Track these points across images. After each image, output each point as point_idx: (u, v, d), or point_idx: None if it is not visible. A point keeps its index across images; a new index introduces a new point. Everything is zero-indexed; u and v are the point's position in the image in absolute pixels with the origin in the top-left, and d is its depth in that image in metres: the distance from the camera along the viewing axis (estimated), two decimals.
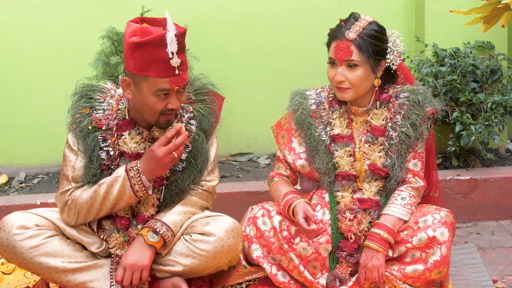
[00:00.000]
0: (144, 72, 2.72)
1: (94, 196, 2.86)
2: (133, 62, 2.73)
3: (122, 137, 2.90)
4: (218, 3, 4.44)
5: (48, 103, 4.45)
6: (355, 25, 2.94)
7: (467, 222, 3.98)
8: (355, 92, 2.98)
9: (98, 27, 4.13)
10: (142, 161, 2.84)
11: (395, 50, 2.99)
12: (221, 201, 3.77)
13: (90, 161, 2.88)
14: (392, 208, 2.96)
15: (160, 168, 2.83)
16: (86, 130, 2.90)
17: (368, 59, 2.93)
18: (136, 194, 2.85)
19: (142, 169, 2.83)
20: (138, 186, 2.84)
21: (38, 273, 2.89)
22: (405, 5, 4.49)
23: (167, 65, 2.71)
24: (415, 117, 2.99)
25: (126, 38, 2.74)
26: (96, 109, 2.93)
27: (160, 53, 2.69)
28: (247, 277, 3.06)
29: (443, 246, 2.85)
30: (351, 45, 2.93)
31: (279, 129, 3.17)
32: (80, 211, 2.87)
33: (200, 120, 2.99)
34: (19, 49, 4.44)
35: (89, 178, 2.89)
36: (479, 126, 3.94)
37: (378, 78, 3.00)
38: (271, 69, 4.54)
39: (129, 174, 2.83)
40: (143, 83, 2.74)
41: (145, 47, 2.68)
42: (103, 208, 2.88)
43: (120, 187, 2.84)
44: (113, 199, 2.85)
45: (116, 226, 2.95)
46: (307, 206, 2.96)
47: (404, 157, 3.00)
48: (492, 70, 4.06)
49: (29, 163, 4.54)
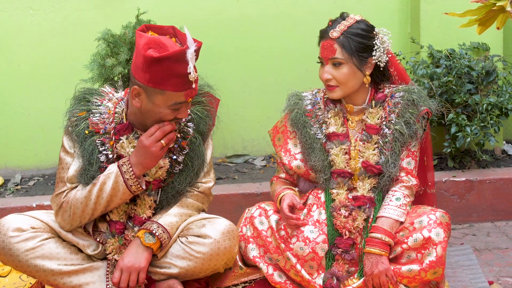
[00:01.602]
0: (161, 86, 2.71)
1: (88, 195, 2.85)
2: (149, 76, 2.71)
3: (119, 141, 2.90)
4: (213, 5, 4.45)
5: (43, 105, 4.45)
6: (340, 24, 2.99)
7: (463, 223, 3.99)
8: (342, 90, 3.02)
9: (93, 29, 4.12)
10: (133, 155, 2.83)
11: (382, 47, 3.01)
12: (217, 203, 3.78)
13: (89, 164, 2.88)
14: (388, 210, 2.97)
15: (149, 158, 2.81)
16: (83, 134, 2.89)
17: (351, 56, 2.96)
18: (130, 189, 2.84)
19: (133, 163, 2.82)
20: (131, 180, 2.83)
21: (34, 276, 2.88)
22: (400, 6, 4.50)
23: (185, 79, 2.72)
24: (409, 115, 3.02)
25: (140, 51, 2.71)
26: (93, 112, 2.92)
27: (179, 68, 2.69)
28: (243, 278, 3.06)
29: (438, 246, 2.85)
30: (334, 44, 2.97)
31: (275, 132, 3.20)
32: (75, 212, 2.87)
33: (198, 123, 2.99)
34: (15, 52, 4.43)
35: (87, 180, 2.88)
36: (475, 127, 3.95)
37: (367, 76, 3.02)
38: (267, 70, 4.54)
39: (122, 169, 2.82)
40: (157, 96, 2.74)
41: (165, 62, 2.67)
42: (98, 207, 2.86)
43: (113, 184, 2.83)
44: (107, 197, 2.84)
45: (111, 231, 2.95)
46: (295, 196, 3.01)
47: (397, 154, 3.02)
48: (488, 72, 4.07)
49: (25, 165, 4.53)
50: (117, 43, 3.94)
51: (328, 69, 3.00)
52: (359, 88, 3.05)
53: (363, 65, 3.00)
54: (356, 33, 2.98)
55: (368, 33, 3.00)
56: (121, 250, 2.93)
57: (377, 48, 3.00)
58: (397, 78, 3.14)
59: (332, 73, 3.00)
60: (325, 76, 3.01)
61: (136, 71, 2.76)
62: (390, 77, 3.13)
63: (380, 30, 3.04)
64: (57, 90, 4.40)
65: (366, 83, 3.04)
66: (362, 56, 2.99)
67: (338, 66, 2.99)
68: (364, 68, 3.01)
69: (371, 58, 3.01)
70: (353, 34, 2.97)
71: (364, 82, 3.04)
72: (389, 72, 3.12)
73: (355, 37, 2.97)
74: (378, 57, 3.01)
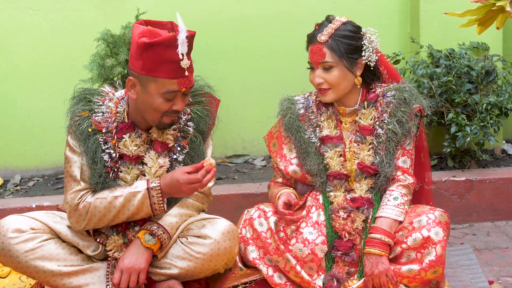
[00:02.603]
0: (153, 72, 2.74)
1: (109, 207, 2.85)
2: (141, 63, 2.74)
3: (122, 139, 2.90)
4: (213, 5, 4.45)
5: (43, 105, 4.45)
6: (327, 28, 2.99)
7: (463, 223, 3.99)
8: (335, 93, 3.02)
9: (93, 30, 4.13)
10: (165, 185, 2.84)
11: (370, 47, 3.01)
12: (217, 203, 3.78)
13: (93, 163, 2.88)
14: (386, 210, 2.96)
15: (179, 193, 2.85)
16: (86, 133, 2.90)
17: (341, 58, 2.97)
18: (154, 212, 2.87)
19: (164, 191, 2.85)
20: (157, 205, 2.85)
21: (33, 277, 2.88)
22: (400, 6, 4.49)
23: (177, 66, 2.74)
24: (401, 114, 3.02)
25: (134, 39, 2.75)
26: (95, 112, 2.93)
27: (170, 54, 2.72)
28: (243, 279, 3.06)
29: (438, 246, 2.85)
30: (323, 48, 2.98)
31: (270, 138, 3.20)
32: (92, 219, 2.86)
33: (198, 122, 3.00)
34: (14, 52, 4.43)
35: (96, 179, 2.88)
36: (475, 127, 3.94)
37: (358, 77, 3.03)
38: (266, 70, 4.54)
39: (150, 193, 2.84)
40: (150, 83, 2.76)
41: (156, 48, 2.70)
42: (116, 219, 2.88)
43: (138, 203, 2.84)
44: (129, 213, 2.86)
45: (117, 229, 2.95)
46: (291, 193, 3.02)
47: (392, 154, 3.02)
48: (487, 71, 4.07)
49: (24, 166, 4.53)
50: (117, 43, 3.95)
51: (319, 73, 3.00)
52: (351, 90, 3.05)
53: (353, 66, 3.00)
54: (344, 35, 2.98)
55: (355, 34, 3.00)
56: (123, 248, 2.93)
57: (365, 48, 3.00)
58: (388, 77, 3.14)
59: (323, 77, 3.00)
60: (316, 81, 3.01)
61: (131, 61, 2.80)
62: (381, 76, 3.13)
63: (367, 30, 3.04)
64: (57, 90, 4.40)
65: (357, 84, 3.05)
66: (352, 58, 2.99)
67: (328, 69, 2.99)
68: (354, 69, 3.01)
69: (360, 58, 3.01)
70: (341, 36, 2.97)
71: (355, 83, 3.04)
72: (380, 71, 3.12)
73: (343, 39, 2.97)
74: (368, 57, 3.01)
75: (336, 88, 3.01)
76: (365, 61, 3.02)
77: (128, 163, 2.91)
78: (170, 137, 2.95)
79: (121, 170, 2.92)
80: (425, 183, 3.20)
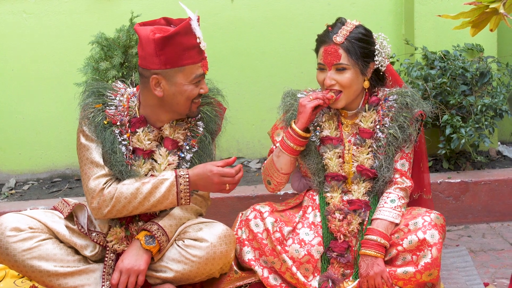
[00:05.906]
0: (179, 62, 2.80)
1: (135, 193, 2.85)
2: (164, 58, 2.79)
3: (135, 133, 2.93)
4: (208, 7, 4.44)
5: (38, 109, 4.44)
6: (342, 29, 2.97)
7: (458, 225, 3.99)
8: (346, 96, 3.00)
9: (87, 33, 4.12)
10: (194, 174, 2.86)
11: (383, 52, 3.01)
12: (212, 206, 3.75)
13: (113, 152, 2.88)
14: (383, 212, 2.96)
15: (207, 186, 2.88)
16: (102, 125, 2.91)
17: (357, 61, 2.96)
18: (179, 201, 2.87)
19: (192, 181, 2.87)
20: (183, 193, 2.86)
21: (29, 276, 2.89)
22: (395, 8, 4.50)
23: (198, 50, 2.84)
24: (403, 119, 3.01)
25: (148, 39, 2.78)
26: (108, 105, 2.95)
27: (189, 40, 2.80)
28: (238, 282, 3.05)
29: (433, 248, 2.85)
30: (339, 49, 2.96)
31: (274, 129, 3.20)
32: (116, 205, 2.86)
33: (207, 122, 3.03)
34: (9, 55, 4.43)
35: (119, 167, 2.88)
36: (469, 128, 3.95)
37: (367, 80, 3.02)
38: (261, 73, 4.54)
39: (178, 181, 2.85)
40: (178, 74, 2.82)
41: (175, 39, 2.77)
42: (140, 207, 2.87)
43: (165, 191, 2.85)
44: (154, 201, 2.86)
45: (121, 222, 2.96)
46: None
47: (391, 158, 3.02)
48: (482, 73, 4.07)
49: (19, 170, 4.52)
50: (111, 46, 3.94)
51: (332, 74, 2.98)
52: (359, 93, 3.05)
53: (365, 69, 3.00)
54: (359, 38, 2.97)
55: (369, 38, 3.01)
56: (123, 241, 2.94)
57: (378, 53, 3.00)
58: (391, 82, 3.14)
59: (335, 78, 2.98)
60: (328, 82, 2.98)
61: (148, 61, 2.82)
62: (385, 81, 3.13)
63: (379, 35, 3.04)
64: (51, 93, 4.39)
65: (366, 87, 3.04)
66: (366, 61, 2.99)
67: (342, 71, 2.97)
68: (366, 72, 3.01)
69: (372, 62, 3.01)
70: (356, 39, 2.96)
71: (363, 87, 3.04)
72: (385, 76, 3.12)
73: (358, 42, 2.96)
74: (380, 61, 3.01)
75: (348, 89, 2.99)
76: (376, 66, 3.02)
77: (141, 157, 2.93)
78: (180, 136, 2.97)
79: (133, 164, 2.92)
80: (424, 192, 3.20)
